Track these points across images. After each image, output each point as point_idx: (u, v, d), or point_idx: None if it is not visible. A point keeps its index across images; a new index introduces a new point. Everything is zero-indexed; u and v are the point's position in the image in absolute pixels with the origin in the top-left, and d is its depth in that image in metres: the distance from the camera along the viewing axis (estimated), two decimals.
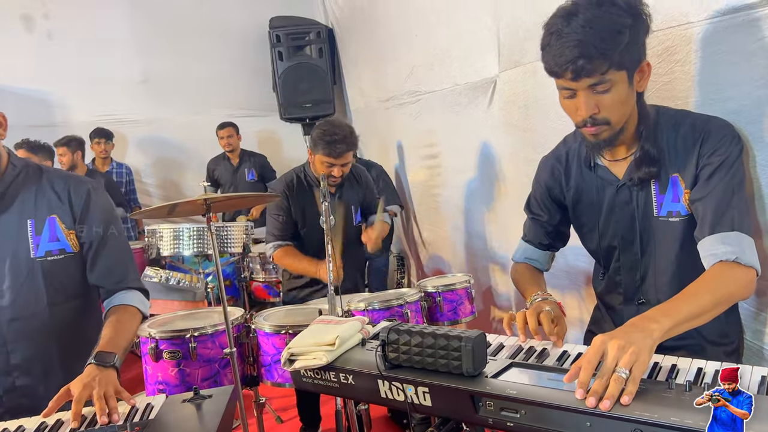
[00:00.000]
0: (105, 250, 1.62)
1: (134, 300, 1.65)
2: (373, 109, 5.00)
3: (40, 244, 1.55)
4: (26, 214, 1.55)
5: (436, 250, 4.12)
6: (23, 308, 1.53)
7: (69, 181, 1.61)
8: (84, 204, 1.60)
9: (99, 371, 1.41)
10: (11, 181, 1.55)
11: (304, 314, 2.53)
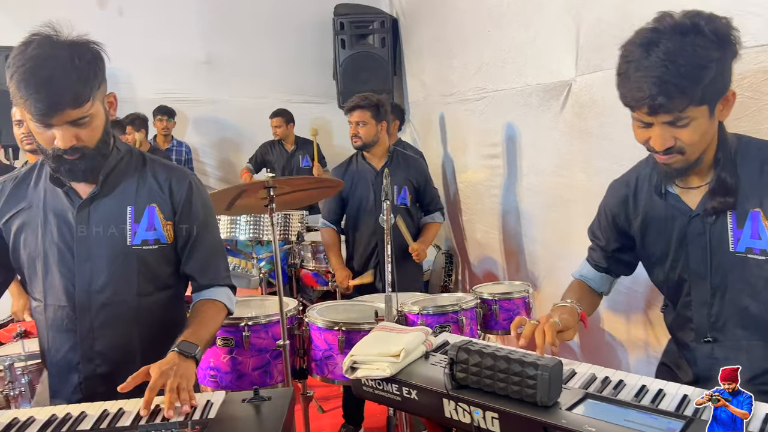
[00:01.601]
0: (200, 244, 1.61)
1: (222, 296, 1.64)
2: (433, 103, 4.92)
3: (138, 232, 1.54)
4: (127, 200, 1.54)
5: (489, 252, 4.03)
6: (114, 294, 1.52)
7: (172, 173, 1.60)
8: (185, 197, 1.58)
9: (179, 360, 1.39)
10: (115, 165, 1.53)
11: (358, 311, 2.51)
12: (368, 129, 3.16)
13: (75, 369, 1.55)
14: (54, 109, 1.32)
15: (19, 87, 1.31)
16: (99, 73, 1.39)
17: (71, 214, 1.51)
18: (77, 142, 1.39)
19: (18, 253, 1.56)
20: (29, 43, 1.34)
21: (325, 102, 6.05)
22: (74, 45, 1.37)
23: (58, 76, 1.31)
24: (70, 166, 1.41)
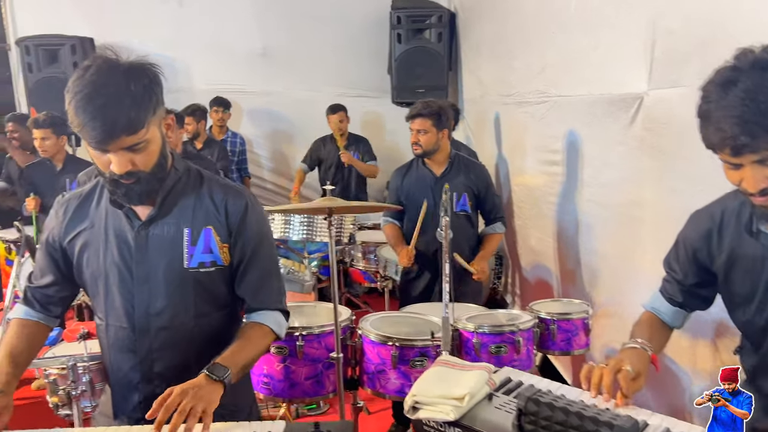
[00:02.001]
0: (253, 267, 1.57)
1: (270, 320, 1.59)
2: (490, 102, 4.81)
3: (194, 255, 1.52)
4: (184, 222, 1.52)
5: (542, 259, 3.93)
6: (172, 318, 1.52)
7: (228, 193, 1.56)
8: (240, 218, 1.54)
9: (205, 383, 1.36)
10: (172, 186, 1.52)
11: (411, 325, 2.47)
12: (429, 137, 3.12)
13: (135, 388, 1.56)
14: (109, 137, 1.31)
15: (76, 113, 1.31)
16: (154, 98, 1.37)
17: (131, 235, 1.51)
18: (132, 167, 1.38)
19: (81, 272, 1.57)
20: (88, 68, 1.34)
21: (379, 96, 6.01)
22: (131, 70, 1.35)
23: (112, 104, 1.30)
24: (126, 189, 1.41)
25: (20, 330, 1.58)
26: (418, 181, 3.25)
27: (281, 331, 1.62)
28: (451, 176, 3.22)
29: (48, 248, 1.59)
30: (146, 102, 1.34)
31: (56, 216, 1.59)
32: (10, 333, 1.57)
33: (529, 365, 2.41)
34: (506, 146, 4.59)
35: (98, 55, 1.39)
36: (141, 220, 1.51)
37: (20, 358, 1.52)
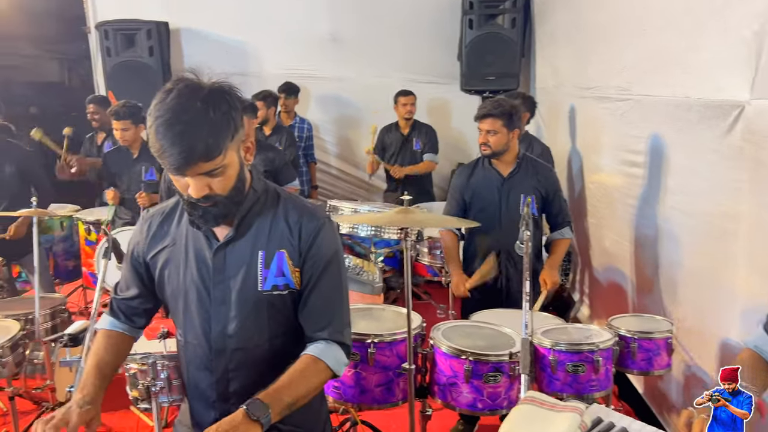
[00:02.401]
0: (317, 292, 1.53)
1: (329, 356, 1.49)
2: (566, 93, 4.63)
3: (268, 278, 1.50)
4: (259, 244, 1.51)
5: (617, 263, 3.78)
6: (247, 339, 1.52)
7: (303, 215, 1.53)
8: (311, 242, 1.52)
9: (242, 422, 1.31)
10: (250, 207, 1.51)
11: (486, 337, 2.42)
12: (499, 138, 3.03)
13: (212, 406, 1.58)
14: (186, 164, 1.31)
15: (156, 137, 1.31)
16: (232, 124, 1.35)
17: (209, 255, 1.51)
18: (209, 191, 1.38)
19: (163, 288, 1.59)
20: (169, 92, 1.34)
21: (446, 83, 5.89)
22: (210, 96, 1.33)
23: (190, 131, 1.29)
24: (203, 212, 1.41)
25: (107, 341, 1.62)
26: (485, 181, 3.16)
27: (339, 369, 1.52)
28: (518, 178, 3.13)
29: (133, 261, 1.62)
30: (224, 129, 1.33)
31: (140, 231, 1.61)
32: (97, 344, 1.62)
33: (607, 386, 2.33)
34: (581, 141, 4.42)
35: (180, 78, 1.38)
36: (219, 240, 1.52)
37: (107, 370, 1.56)
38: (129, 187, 4.15)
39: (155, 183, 4.16)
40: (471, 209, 3.19)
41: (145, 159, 4.12)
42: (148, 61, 5.54)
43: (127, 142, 4.04)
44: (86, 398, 1.43)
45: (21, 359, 2.59)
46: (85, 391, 1.45)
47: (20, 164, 4.01)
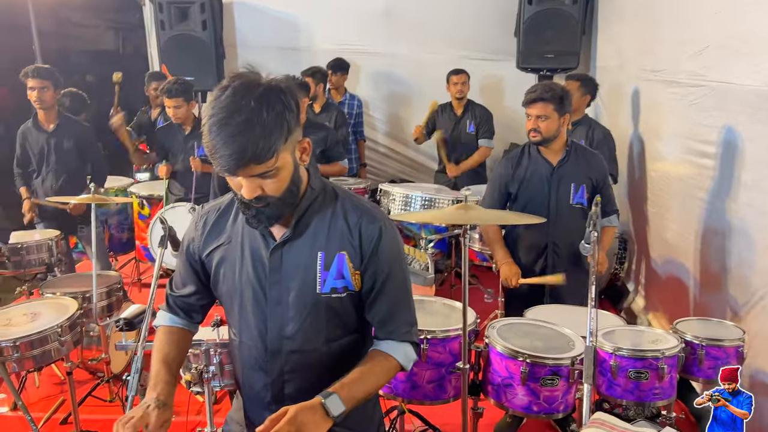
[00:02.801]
0: (384, 296, 1.50)
1: (400, 353, 1.51)
2: (629, 74, 4.41)
3: (327, 280, 1.47)
4: (318, 245, 1.47)
5: (678, 256, 3.61)
6: (304, 342, 1.49)
7: (363, 216, 1.48)
8: (374, 245, 1.47)
9: (319, 417, 1.30)
10: (308, 206, 1.47)
11: (543, 337, 2.34)
12: (550, 124, 2.87)
13: (267, 408, 1.55)
14: (237, 166, 1.28)
15: (209, 135, 1.28)
16: (286, 126, 1.30)
17: (265, 254, 1.48)
18: (262, 192, 1.35)
19: (218, 286, 1.56)
20: (225, 88, 1.30)
21: (501, 60, 5.70)
22: (265, 95, 1.29)
23: (243, 132, 1.25)
24: (255, 212, 1.38)
25: (169, 337, 1.61)
26: (533, 171, 3.01)
27: (409, 365, 1.54)
28: (569, 166, 2.99)
29: (189, 258, 1.59)
30: (277, 131, 1.29)
31: (195, 228, 1.58)
32: (160, 341, 1.60)
33: (671, 394, 2.22)
34: (644, 126, 4.22)
35: (237, 74, 1.33)
36: (276, 240, 1.48)
37: (174, 365, 1.55)
38: (182, 163, 4.18)
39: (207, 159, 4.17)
40: (517, 200, 3.05)
41: (198, 135, 4.12)
42: (201, 35, 5.53)
43: (179, 120, 4.05)
44: (161, 398, 1.42)
45: (79, 337, 2.64)
46: (158, 389, 1.44)
47: (78, 140, 4.08)
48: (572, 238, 2.89)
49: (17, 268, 3.61)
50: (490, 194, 3.12)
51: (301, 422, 1.27)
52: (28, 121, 4.08)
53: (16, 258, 3.57)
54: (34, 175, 4.14)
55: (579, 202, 2.99)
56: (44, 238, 3.70)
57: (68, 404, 3.45)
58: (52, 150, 4.03)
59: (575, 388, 2.21)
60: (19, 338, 2.38)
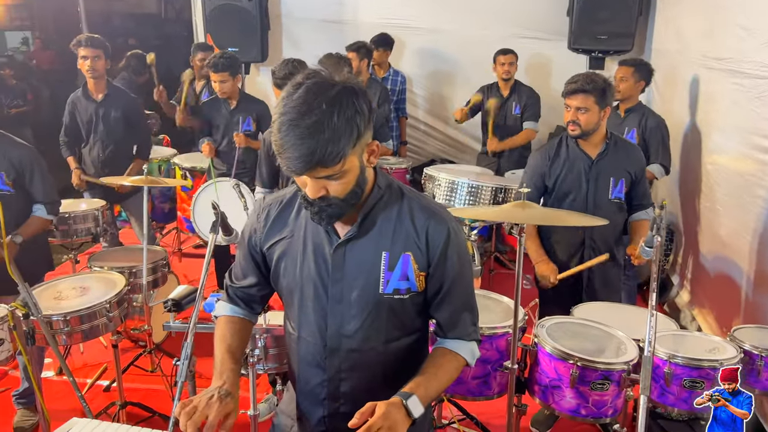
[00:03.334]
0: (450, 299, 1.49)
1: (466, 351, 1.53)
2: (689, 60, 4.21)
3: (390, 281, 1.44)
4: (383, 245, 1.44)
5: (732, 254, 3.48)
6: (363, 341, 1.48)
7: (431, 218, 1.45)
8: (442, 249, 1.44)
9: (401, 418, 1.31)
10: (374, 205, 1.44)
11: (593, 339, 2.28)
12: (590, 116, 2.75)
13: (321, 404, 1.55)
14: (304, 168, 1.26)
15: (279, 134, 1.26)
16: (356, 130, 1.27)
17: (328, 251, 1.46)
18: (326, 193, 1.33)
19: (278, 280, 1.55)
20: (298, 86, 1.27)
21: (551, 39, 5.51)
22: (337, 97, 1.25)
23: (312, 135, 1.23)
24: (318, 209, 1.36)
25: (231, 327, 1.61)
26: (571, 164, 2.90)
27: (473, 361, 1.57)
28: (608, 160, 2.88)
29: (250, 250, 1.58)
30: (347, 136, 1.26)
31: (257, 220, 1.56)
32: (222, 330, 1.60)
33: None
34: (701, 116, 4.04)
35: (312, 72, 1.30)
36: (339, 237, 1.45)
37: (237, 354, 1.55)
38: (225, 138, 4.17)
39: (253, 133, 4.16)
40: (553, 194, 2.95)
41: (243, 110, 4.11)
42: (247, 6, 5.47)
43: (225, 94, 4.02)
44: (226, 388, 1.41)
45: (126, 313, 2.68)
46: (224, 378, 1.44)
47: (126, 110, 4.10)
48: (609, 233, 2.83)
49: (64, 237, 3.68)
50: (525, 186, 3.01)
51: (394, 420, 1.30)
52: (78, 90, 4.11)
53: (64, 227, 3.64)
54: (82, 144, 4.18)
55: (617, 197, 2.90)
56: (91, 208, 3.75)
57: (110, 372, 3.55)
58: (100, 120, 4.06)
59: (625, 393, 2.16)
60: (69, 313, 2.43)
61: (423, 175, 3.71)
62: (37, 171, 2.91)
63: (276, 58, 5.94)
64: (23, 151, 2.89)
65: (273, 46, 5.83)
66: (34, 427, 3.07)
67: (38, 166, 2.93)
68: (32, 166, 2.89)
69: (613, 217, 2.83)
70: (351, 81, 1.29)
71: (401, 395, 1.35)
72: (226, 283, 1.66)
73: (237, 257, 1.64)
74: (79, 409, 3.23)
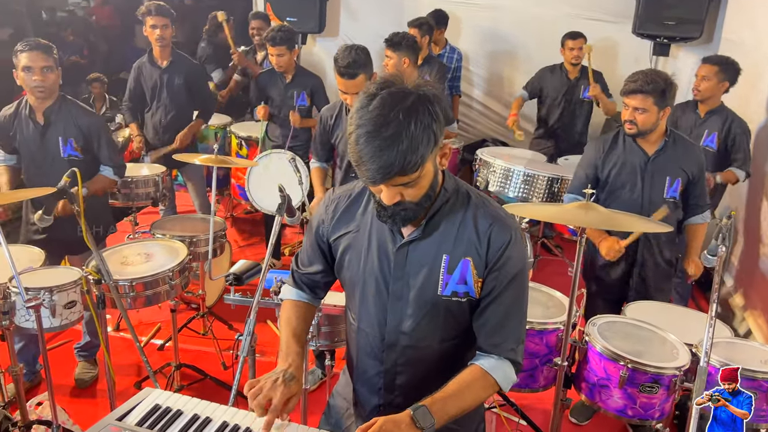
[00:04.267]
0: (497, 304, 1.47)
1: (499, 374, 1.46)
2: (764, 54, 4.03)
3: (449, 284, 1.46)
4: (444, 248, 1.46)
5: None
6: (420, 339, 1.52)
7: (494, 224, 1.45)
8: (500, 254, 1.44)
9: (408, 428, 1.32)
10: (440, 207, 1.46)
11: (645, 341, 2.28)
12: (647, 117, 2.69)
13: (377, 393, 1.61)
14: (382, 179, 1.29)
15: (356, 146, 1.28)
16: (433, 137, 1.29)
17: (391, 249, 1.49)
18: (401, 198, 1.36)
19: (341, 271, 1.60)
20: (373, 97, 1.28)
21: (617, 22, 5.33)
22: (413, 107, 1.26)
23: (390, 146, 1.25)
24: (392, 213, 1.39)
25: (296, 311, 1.68)
26: (626, 160, 2.85)
27: (507, 386, 1.48)
28: (665, 158, 2.81)
29: (317, 239, 1.63)
30: (424, 144, 1.28)
31: (326, 211, 1.60)
32: (287, 314, 1.67)
33: None
34: None
35: (385, 81, 1.31)
36: (403, 237, 1.48)
37: (302, 337, 1.62)
38: (280, 111, 4.23)
39: (307, 108, 4.20)
40: (606, 187, 2.90)
41: (297, 84, 4.15)
42: None
43: (282, 68, 4.06)
44: (291, 371, 1.47)
45: (187, 281, 2.79)
46: (289, 361, 1.50)
47: (188, 77, 4.19)
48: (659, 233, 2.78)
49: (126, 200, 3.83)
50: (577, 178, 2.97)
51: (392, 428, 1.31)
52: (144, 56, 4.21)
53: (126, 190, 3.78)
54: (145, 110, 4.30)
55: (672, 196, 2.84)
56: (152, 173, 3.88)
57: (163, 332, 3.72)
58: (164, 86, 4.16)
59: (674, 396, 2.16)
60: (135, 279, 2.54)
61: (477, 159, 3.69)
62: (103, 138, 3.02)
63: (333, 29, 5.93)
64: (91, 119, 3.00)
65: (331, 18, 5.81)
66: (93, 380, 3.25)
67: (104, 133, 3.04)
68: (99, 133, 3.01)
69: (667, 218, 2.78)
70: (424, 88, 1.30)
71: (412, 408, 1.36)
72: (292, 268, 1.72)
73: (304, 244, 1.69)
74: (134, 364, 3.43)
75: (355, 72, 2.76)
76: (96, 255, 2.15)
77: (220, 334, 3.64)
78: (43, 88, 2.82)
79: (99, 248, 2.53)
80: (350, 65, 2.74)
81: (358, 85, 2.79)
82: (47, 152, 2.94)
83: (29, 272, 2.37)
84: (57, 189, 2.03)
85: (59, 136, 2.91)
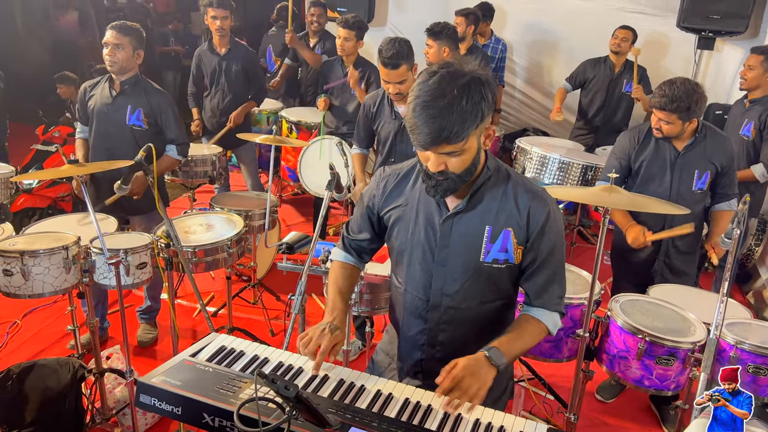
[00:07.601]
0: (542, 271, 1.68)
1: (549, 321, 1.70)
2: None
3: (491, 251, 1.65)
4: (487, 219, 1.65)
5: None
6: (462, 301, 1.72)
7: (533, 200, 1.64)
8: (540, 227, 1.63)
9: (485, 365, 1.54)
10: (482, 184, 1.64)
11: (665, 318, 2.43)
12: (672, 128, 2.85)
13: (419, 349, 1.82)
14: (431, 143, 1.47)
15: (413, 114, 1.48)
16: (480, 114, 1.46)
17: (438, 221, 1.68)
18: (445, 168, 1.53)
19: (390, 240, 1.81)
20: (433, 74, 1.48)
21: (661, 15, 5.37)
22: (467, 85, 1.44)
23: (442, 115, 1.43)
24: (435, 183, 1.57)
25: (343, 272, 1.90)
26: (657, 153, 2.97)
27: (555, 331, 1.74)
28: (695, 153, 2.92)
29: (368, 211, 1.85)
30: (472, 118, 1.45)
31: (377, 187, 1.81)
32: (335, 274, 1.90)
33: None
34: None
35: (447, 63, 1.50)
36: (449, 210, 1.67)
37: (347, 296, 1.85)
38: (339, 98, 4.43)
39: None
40: (636, 179, 3.03)
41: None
42: None
43: (344, 53, 4.22)
44: (336, 322, 1.70)
45: (243, 251, 3.05)
46: (335, 314, 1.73)
47: (245, 63, 4.48)
48: (690, 220, 2.87)
49: (185, 177, 4.13)
50: (611, 166, 3.10)
51: (474, 369, 1.53)
52: (204, 43, 4.52)
53: (186, 168, 4.09)
54: (205, 94, 4.61)
55: (700, 188, 2.96)
56: (211, 153, 4.17)
57: (215, 301, 4.01)
58: (222, 72, 4.46)
59: (689, 370, 2.31)
60: (198, 246, 2.82)
61: (515, 147, 3.84)
62: (171, 114, 3.28)
63: (381, 20, 6.12)
64: (161, 97, 3.27)
65: (379, 8, 6.01)
66: (153, 341, 3.56)
67: (172, 111, 3.30)
68: (167, 109, 3.27)
69: (695, 207, 2.91)
70: (479, 72, 1.49)
71: (484, 349, 1.58)
72: (342, 233, 1.95)
73: (354, 214, 1.91)
74: (190, 328, 3.72)
75: (398, 63, 2.96)
76: (166, 221, 2.41)
77: (269, 305, 3.92)
78: (112, 63, 3.11)
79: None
80: (393, 56, 2.94)
81: (400, 75, 3.00)
82: (114, 118, 3.20)
83: (106, 236, 2.67)
84: (134, 162, 2.29)
85: (129, 105, 3.19)
